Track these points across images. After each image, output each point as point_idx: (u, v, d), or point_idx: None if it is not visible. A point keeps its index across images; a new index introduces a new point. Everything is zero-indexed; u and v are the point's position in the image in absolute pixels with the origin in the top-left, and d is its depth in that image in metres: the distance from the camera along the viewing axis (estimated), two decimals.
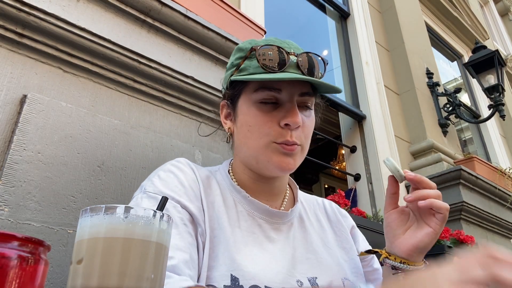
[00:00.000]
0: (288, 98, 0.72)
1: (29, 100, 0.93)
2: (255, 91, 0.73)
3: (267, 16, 2.32)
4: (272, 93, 0.72)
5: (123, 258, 0.43)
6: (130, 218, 0.45)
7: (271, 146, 0.71)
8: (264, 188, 0.79)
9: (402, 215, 0.73)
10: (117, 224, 0.44)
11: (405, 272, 0.70)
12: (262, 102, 0.73)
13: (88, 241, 0.44)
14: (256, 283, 0.63)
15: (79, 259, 0.44)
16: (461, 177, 2.55)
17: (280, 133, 0.71)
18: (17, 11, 0.94)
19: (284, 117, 0.70)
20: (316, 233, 0.81)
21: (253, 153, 0.74)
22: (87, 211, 0.46)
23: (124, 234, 0.44)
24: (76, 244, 0.46)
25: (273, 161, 0.71)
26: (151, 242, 0.45)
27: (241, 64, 0.75)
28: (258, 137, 0.72)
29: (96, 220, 0.45)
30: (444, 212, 0.68)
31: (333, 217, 0.88)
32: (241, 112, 0.75)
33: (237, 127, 0.77)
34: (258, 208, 0.75)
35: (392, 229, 0.72)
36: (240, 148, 0.78)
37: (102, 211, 0.45)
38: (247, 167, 0.78)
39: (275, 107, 0.73)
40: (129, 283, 0.42)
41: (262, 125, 0.71)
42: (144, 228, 0.45)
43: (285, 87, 0.72)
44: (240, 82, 0.75)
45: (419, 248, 0.69)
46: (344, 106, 2.75)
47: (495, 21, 7.99)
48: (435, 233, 0.69)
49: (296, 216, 0.81)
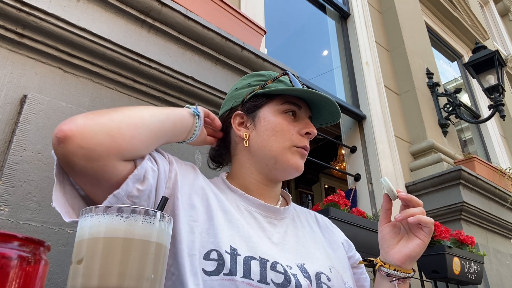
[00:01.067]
0: (304, 115, 0.90)
1: (29, 100, 0.93)
2: (283, 104, 0.87)
3: (267, 16, 2.32)
4: (295, 107, 0.88)
5: (123, 258, 0.43)
6: (130, 218, 0.45)
7: (292, 149, 0.85)
8: (265, 191, 0.88)
9: (395, 228, 0.83)
10: (117, 224, 0.44)
11: (398, 279, 0.80)
12: (286, 112, 0.87)
13: (88, 241, 0.44)
14: (252, 254, 0.71)
15: (79, 259, 0.44)
16: (461, 177, 2.55)
17: (300, 140, 0.86)
18: (17, 11, 0.94)
19: (304, 127, 0.87)
20: (306, 232, 0.89)
21: (274, 154, 0.84)
22: (87, 211, 0.46)
23: (124, 234, 0.44)
24: (76, 244, 0.46)
25: (291, 162, 0.85)
26: (151, 242, 0.45)
27: (268, 83, 0.89)
28: (282, 141, 0.85)
29: (96, 220, 0.45)
30: (430, 226, 0.79)
31: (323, 225, 0.97)
32: (265, 119, 0.87)
33: (258, 132, 0.87)
34: (253, 203, 0.84)
35: (386, 241, 0.83)
36: (259, 150, 0.86)
37: (102, 211, 0.45)
38: (257, 170, 0.87)
39: (295, 119, 0.88)
40: (129, 283, 0.42)
41: (287, 131, 0.85)
42: (144, 228, 0.45)
43: (303, 107, 0.89)
44: (264, 96, 0.89)
45: (411, 257, 0.79)
46: (344, 106, 2.74)
47: (495, 21, 7.99)
48: (424, 243, 0.79)
49: (289, 216, 0.89)
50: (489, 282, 2.41)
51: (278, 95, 0.88)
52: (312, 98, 0.88)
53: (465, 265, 1.90)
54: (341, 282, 0.80)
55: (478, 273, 2.00)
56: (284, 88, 0.87)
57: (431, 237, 0.91)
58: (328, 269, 0.80)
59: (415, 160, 2.96)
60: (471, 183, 2.63)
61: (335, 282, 0.78)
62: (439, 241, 1.83)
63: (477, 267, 2.01)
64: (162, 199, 0.55)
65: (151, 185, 0.68)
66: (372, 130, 2.75)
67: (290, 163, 0.85)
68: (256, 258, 0.70)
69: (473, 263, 1.97)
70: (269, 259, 0.71)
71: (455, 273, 1.81)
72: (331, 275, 0.79)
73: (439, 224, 1.87)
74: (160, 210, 0.52)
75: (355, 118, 2.87)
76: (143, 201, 0.67)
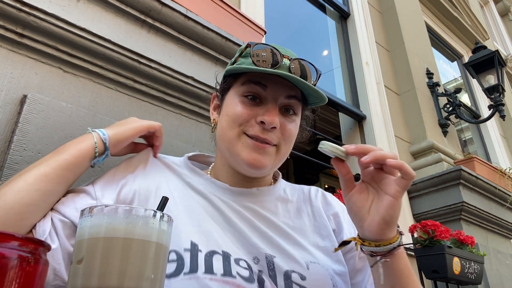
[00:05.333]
0: (272, 98, 0.74)
1: (29, 100, 0.93)
2: (242, 84, 0.75)
3: (267, 16, 2.32)
4: (257, 87, 0.74)
5: (123, 258, 0.43)
6: (130, 218, 0.45)
7: (242, 138, 0.73)
8: (245, 186, 0.79)
9: (362, 194, 0.66)
10: (117, 224, 0.44)
11: (384, 255, 0.64)
12: (246, 95, 0.75)
13: (88, 241, 0.44)
14: (215, 248, 0.65)
15: (79, 259, 0.44)
16: (461, 177, 2.55)
17: (253, 127, 0.72)
18: (17, 11, 0.94)
19: (262, 114, 0.72)
20: (288, 218, 0.80)
21: (227, 144, 0.75)
22: (87, 211, 0.46)
23: (124, 234, 0.44)
24: (76, 244, 0.46)
25: (242, 157, 0.72)
26: (151, 242, 0.45)
27: (236, 60, 0.78)
28: (232, 127, 0.74)
29: (96, 220, 0.45)
30: (397, 166, 0.61)
31: (315, 204, 0.86)
32: (226, 103, 0.78)
33: (220, 118, 0.79)
34: (218, 187, 0.77)
35: (356, 212, 0.66)
36: (218, 139, 0.79)
37: (102, 211, 0.45)
38: (227, 162, 0.80)
39: (257, 104, 0.75)
40: (129, 283, 0.42)
41: (239, 116, 0.73)
42: (144, 228, 0.45)
43: (271, 86, 0.74)
44: (231, 76, 0.78)
45: (386, 222, 0.62)
46: (344, 106, 2.75)
47: (495, 21, 7.99)
48: (396, 201, 0.62)
49: (271, 200, 0.80)
50: (489, 282, 2.41)
51: (243, 73, 0.76)
52: (277, 75, 0.72)
53: (465, 265, 1.90)
54: (324, 277, 0.70)
55: (478, 273, 2.00)
56: (231, 68, 0.75)
57: (431, 237, 0.79)
58: (305, 266, 0.70)
59: (415, 160, 2.96)
60: (471, 183, 2.63)
61: (313, 279, 0.69)
62: (439, 241, 1.83)
63: (477, 267, 2.01)
64: (162, 199, 0.55)
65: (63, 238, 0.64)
66: (372, 130, 2.75)
67: (241, 157, 0.72)
68: (218, 253, 0.65)
69: (473, 263, 1.97)
70: (232, 254, 0.66)
71: (455, 273, 1.81)
72: (307, 273, 0.70)
73: (439, 224, 1.87)
74: (160, 210, 0.52)
75: (355, 118, 2.87)
76: None
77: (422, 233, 1.86)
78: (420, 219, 2.57)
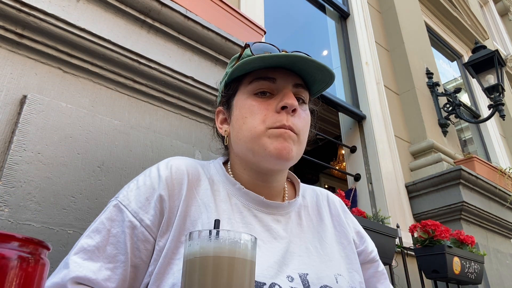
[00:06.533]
0: (283, 87, 0.73)
1: (29, 101, 0.93)
2: (250, 83, 0.74)
3: (267, 16, 2.32)
4: (267, 82, 0.73)
5: (229, 275, 0.49)
6: (231, 240, 0.50)
7: (267, 133, 0.70)
8: (263, 187, 0.78)
9: None
10: (222, 245, 0.50)
11: None
12: (257, 93, 0.73)
13: (200, 259, 0.50)
14: None
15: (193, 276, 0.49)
16: (461, 177, 2.55)
17: (276, 119, 0.70)
18: (17, 11, 0.94)
19: (280, 100, 0.71)
20: (313, 228, 0.80)
21: (249, 144, 0.72)
22: (195, 235, 0.51)
23: (229, 254, 0.50)
24: (187, 262, 0.51)
25: (270, 149, 0.69)
26: (247, 261, 0.51)
27: (235, 64, 0.76)
28: (253, 126, 0.71)
29: (205, 242, 0.50)
30: None
31: (334, 211, 0.87)
32: (236, 107, 0.76)
33: (233, 125, 0.76)
34: (253, 199, 0.74)
35: None
36: (236, 144, 0.76)
37: (208, 234, 0.50)
38: (247, 165, 0.76)
39: (270, 97, 0.73)
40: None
41: (258, 113, 0.71)
42: (245, 249, 0.51)
43: (279, 77, 0.73)
44: (235, 81, 0.77)
45: None
46: (344, 106, 2.74)
47: (495, 21, 7.99)
48: None
49: (295, 210, 0.80)
50: (489, 282, 2.41)
51: (246, 75, 0.75)
52: (279, 63, 0.72)
53: (465, 265, 1.90)
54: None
55: (478, 273, 2.00)
56: (236, 66, 0.73)
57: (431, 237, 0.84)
58: (334, 279, 0.71)
59: (415, 160, 2.96)
60: (471, 183, 2.63)
61: None
62: (439, 241, 1.83)
63: (477, 266, 2.01)
64: (215, 222, 0.55)
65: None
66: (372, 130, 2.75)
67: (268, 149, 0.69)
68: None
69: (473, 263, 1.97)
70: (266, 282, 0.63)
71: (455, 273, 1.81)
72: (337, 286, 0.70)
73: (439, 224, 1.87)
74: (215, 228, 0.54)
75: (355, 118, 2.87)
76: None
77: (422, 233, 1.86)
78: (420, 219, 2.58)
